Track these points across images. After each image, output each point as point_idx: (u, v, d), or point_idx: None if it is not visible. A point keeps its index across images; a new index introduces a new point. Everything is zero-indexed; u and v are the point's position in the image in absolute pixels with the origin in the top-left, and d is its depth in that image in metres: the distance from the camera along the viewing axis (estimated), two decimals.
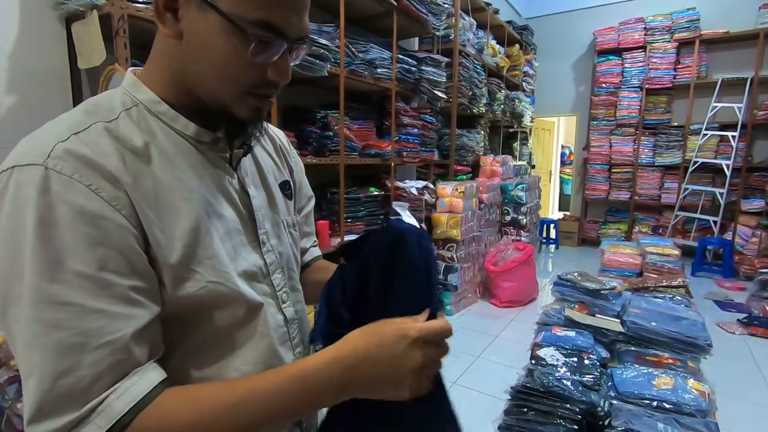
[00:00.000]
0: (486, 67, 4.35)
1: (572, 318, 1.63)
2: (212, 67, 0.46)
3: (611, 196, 5.77)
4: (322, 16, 2.45)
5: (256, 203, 0.57)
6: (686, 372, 1.36)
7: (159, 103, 0.49)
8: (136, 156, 0.45)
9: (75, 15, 1.48)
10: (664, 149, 5.37)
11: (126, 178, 0.43)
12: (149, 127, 0.48)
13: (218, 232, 0.50)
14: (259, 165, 0.61)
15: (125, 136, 0.45)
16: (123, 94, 0.49)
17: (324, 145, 2.42)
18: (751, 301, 3.47)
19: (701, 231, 5.07)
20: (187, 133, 0.50)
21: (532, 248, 3.86)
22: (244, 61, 0.45)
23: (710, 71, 5.11)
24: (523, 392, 1.28)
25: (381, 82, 2.73)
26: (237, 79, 0.47)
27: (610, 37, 5.54)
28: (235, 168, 0.56)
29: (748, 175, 4.91)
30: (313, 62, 2.13)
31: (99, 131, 0.44)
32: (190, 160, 0.50)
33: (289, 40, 0.47)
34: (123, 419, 0.38)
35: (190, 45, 0.46)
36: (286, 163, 0.69)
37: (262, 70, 0.47)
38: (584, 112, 6.03)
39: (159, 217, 0.45)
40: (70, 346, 0.37)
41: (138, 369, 0.41)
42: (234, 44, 0.44)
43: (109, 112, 0.46)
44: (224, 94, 0.48)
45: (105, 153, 0.43)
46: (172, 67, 0.49)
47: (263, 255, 0.56)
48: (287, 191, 0.66)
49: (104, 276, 0.40)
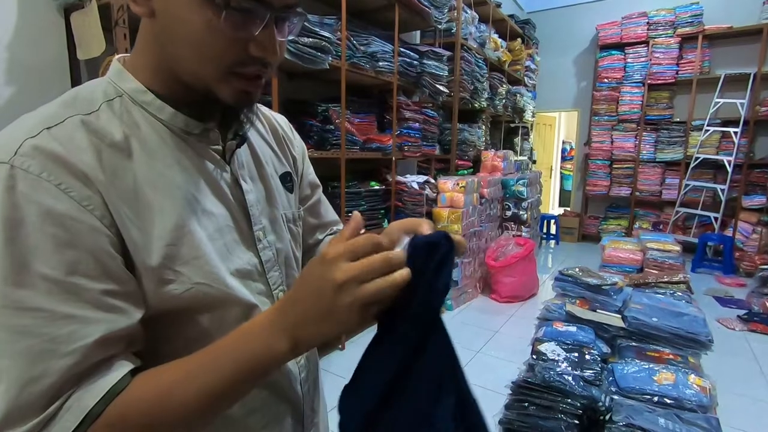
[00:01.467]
0: (488, 61, 4.32)
1: (573, 313, 1.63)
2: (188, 44, 0.42)
3: (612, 192, 5.76)
4: (324, 9, 2.43)
5: (250, 198, 0.53)
6: (687, 367, 1.36)
7: (144, 92, 0.46)
8: (114, 151, 0.42)
9: (74, 5, 1.46)
10: (665, 145, 5.35)
11: (100, 176, 0.40)
12: (132, 119, 0.45)
13: (207, 230, 0.47)
14: (257, 156, 0.57)
15: (104, 130, 0.42)
16: (107, 84, 0.46)
17: (325, 138, 2.41)
18: (752, 298, 3.47)
19: (702, 227, 5.07)
20: (174, 124, 0.47)
21: (532, 244, 3.86)
22: (222, 35, 0.41)
23: (713, 67, 5.08)
24: (524, 387, 1.28)
25: (382, 76, 2.71)
26: (216, 56, 0.42)
27: (613, 32, 5.50)
28: (229, 161, 0.52)
29: (750, 172, 4.89)
30: (315, 55, 2.12)
31: (74, 125, 0.41)
32: (176, 154, 0.47)
33: (273, 8, 0.42)
34: (92, 412, 0.37)
35: (163, 22, 0.42)
36: (288, 153, 0.65)
37: (244, 45, 0.42)
38: (586, 108, 6.00)
39: (138, 216, 0.42)
40: (38, 353, 0.36)
41: (104, 368, 0.39)
42: (207, 15, 0.40)
43: (88, 104, 0.43)
44: (205, 75, 0.43)
45: (78, 149, 0.40)
46: (154, 51, 0.45)
47: (259, 252, 0.53)
48: (288, 183, 0.62)
49: (73, 280, 0.37)
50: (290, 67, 2.12)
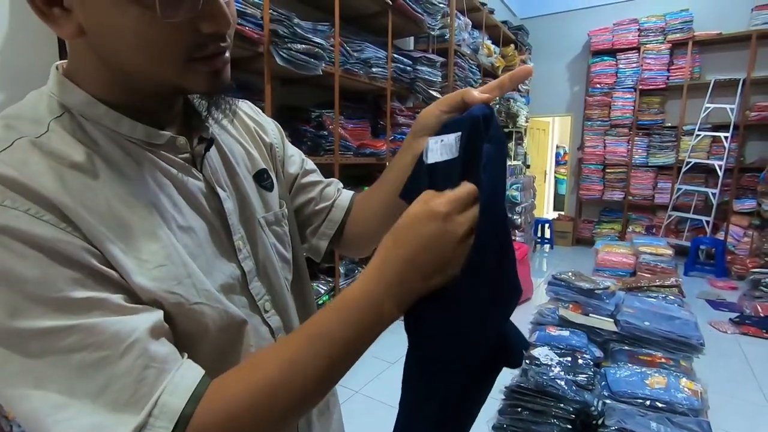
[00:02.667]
0: (481, 66, 4.35)
1: (566, 317, 1.64)
2: (133, 49, 0.37)
3: (605, 196, 5.80)
4: (317, 15, 2.44)
5: (228, 206, 0.49)
6: (679, 371, 1.37)
7: (95, 104, 0.40)
8: (78, 172, 0.37)
9: None
10: (657, 150, 5.41)
11: (68, 201, 0.35)
12: (88, 136, 0.40)
13: (188, 247, 0.43)
14: (227, 158, 0.53)
15: (59, 151, 0.37)
16: (49, 98, 0.40)
17: (319, 144, 2.42)
18: (743, 301, 3.51)
19: (694, 231, 5.11)
20: (135, 137, 0.42)
21: (526, 248, 3.87)
22: (163, 25, 0.35)
23: (703, 72, 5.15)
24: (517, 392, 1.28)
25: (376, 82, 2.73)
26: (168, 50, 0.37)
27: (605, 38, 5.57)
28: (200, 168, 0.48)
29: (740, 176, 4.95)
30: (308, 61, 2.12)
31: (25, 148, 0.36)
32: (144, 169, 0.42)
33: None
34: (185, 413, 0.35)
35: (97, 36, 0.37)
36: (261, 143, 0.60)
37: (192, 26, 0.37)
38: (579, 113, 6.06)
39: (119, 238, 0.38)
40: (94, 364, 0.33)
41: (177, 364, 0.37)
42: (134, 12, 0.34)
43: (35, 125, 0.38)
44: (165, 74, 0.39)
45: (36, 173, 0.35)
46: (96, 64, 0.40)
47: (240, 263, 0.49)
48: (265, 182, 0.57)
49: (89, 294, 0.35)
50: (283, 73, 2.13)
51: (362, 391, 2.22)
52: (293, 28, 2.04)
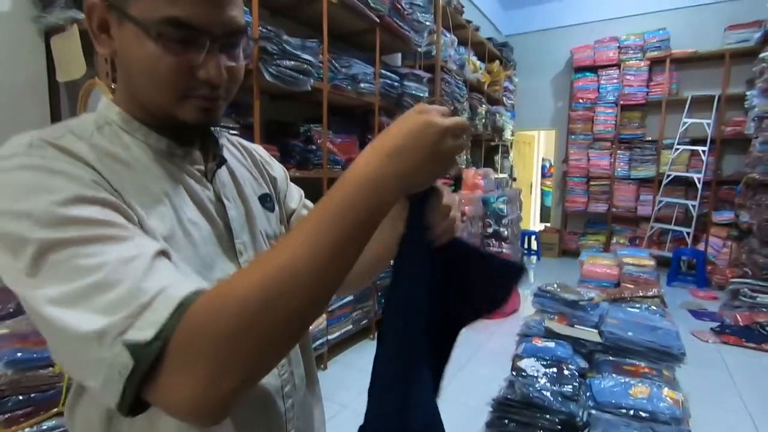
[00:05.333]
0: (467, 82, 4.45)
1: (552, 329, 1.66)
2: (142, 75, 0.46)
3: (590, 208, 5.91)
4: (306, 32, 2.48)
5: (232, 213, 0.56)
6: (661, 381, 1.40)
7: (130, 120, 0.50)
8: (111, 159, 0.46)
9: (54, 28, 1.47)
10: (639, 163, 5.55)
11: (103, 168, 0.43)
12: (122, 141, 0.49)
13: (191, 237, 0.50)
14: (236, 178, 0.61)
15: (101, 145, 0.46)
16: (96, 116, 0.51)
17: (307, 158, 2.44)
18: (723, 311, 3.58)
19: (676, 242, 5.23)
20: (160, 148, 0.51)
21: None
22: (164, 63, 0.44)
23: (680, 88, 5.33)
24: (504, 404, 1.29)
25: (364, 97, 2.77)
26: (167, 82, 0.46)
27: (587, 55, 5.74)
28: (211, 180, 0.56)
29: (718, 188, 5.10)
30: (297, 77, 2.16)
31: (74, 139, 0.45)
32: (164, 171, 0.50)
33: (213, 35, 0.45)
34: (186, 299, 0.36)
35: (122, 60, 0.47)
36: (267, 175, 0.69)
37: (190, 70, 0.46)
38: (563, 127, 6.20)
39: (140, 207, 0.45)
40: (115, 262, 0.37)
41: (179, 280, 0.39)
42: (150, 48, 0.44)
43: (82, 131, 0.47)
44: (161, 101, 0.47)
45: (81, 150, 0.43)
46: (125, 82, 0.50)
47: (240, 265, 0.55)
48: (267, 204, 0.65)
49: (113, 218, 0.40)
50: (272, 89, 2.15)
51: (351, 405, 2.21)
52: (282, 45, 2.08)
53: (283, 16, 2.52)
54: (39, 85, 1.53)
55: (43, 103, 1.54)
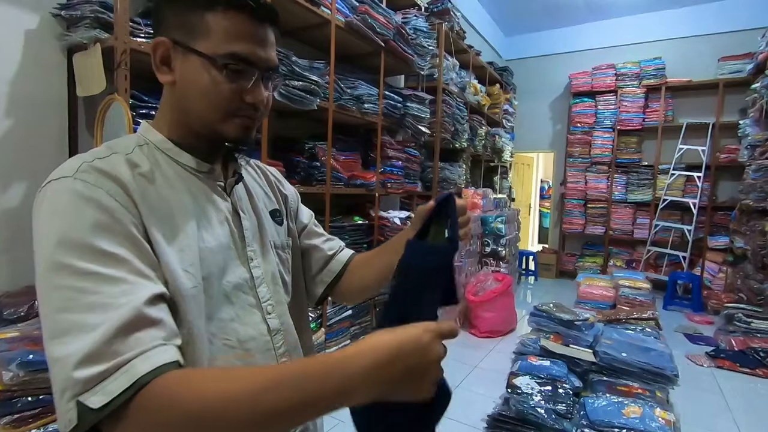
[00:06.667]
0: (468, 104, 4.55)
1: (547, 348, 1.69)
2: (199, 96, 0.57)
3: (587, 230, 5.97)
4: (314, 53, 2.57)
5: (246, 224, 0.65)
6: (654, 401, 1.42)
7: (166, 141, 0.60)
8: (143, 177, 0.55)
9: (77, 46, 1.54)
10: (635, 187, 5.64)
11: (135, 188, 0.52)
12: (156, 159, 0.58)
13: (209, 243, 0.58)
14: (251, 193, 0.70)
15: (136, 162, 0.56)
16: (138, 137, 0.61)
17: (311, 174, 2.50)
18: (719, 335, 3.60)
19: (672, 265, 5.27)
20: (189, 165, 0.61)
21: (510, 279, 3.95)
22: (223, 87, 0.56)
23: (676, 115, 5.46)
24: (499, 420, 1.32)
25: (368, 117, 2.85)
26: (220, 103, 0.57)
27: (584, 81, 5.89)
28: (229, 193, 0.65)
29: (713, 214, 5.18)
30: (304, 97, 2.23)
31: (117, 158, 0.54)
32: (189, 185, 0.59)
33: (259, 68, 0.58)
34: (142, 380, 0.40)
35: (181, 85, 0.58)
36: (279, 193, 0.79)
37: (240, 95, 0.57)
38: (561, 150, 6.31)
39: (161, 223, 0.53)
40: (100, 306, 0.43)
41: (163, 343, 0.44)
42: (213, 74, 0.55)
43: (125, 148, 0.57)
44: (212, 118, 0.58)
45: (120, 171, 0.52)
46: (173, 108, 0.60)
47: (250, 269, 0.63)
48: (277, 218, 0.74)
49: (121, 253, 0.46)
50: (280, 107, 2.23)
51: (348, 420, 2.21)
52: (291, 66, 2.16)
53: (291, 37, 2.62)
54: (59, 99, 1.59)
55: (62, 116, 1.60)
